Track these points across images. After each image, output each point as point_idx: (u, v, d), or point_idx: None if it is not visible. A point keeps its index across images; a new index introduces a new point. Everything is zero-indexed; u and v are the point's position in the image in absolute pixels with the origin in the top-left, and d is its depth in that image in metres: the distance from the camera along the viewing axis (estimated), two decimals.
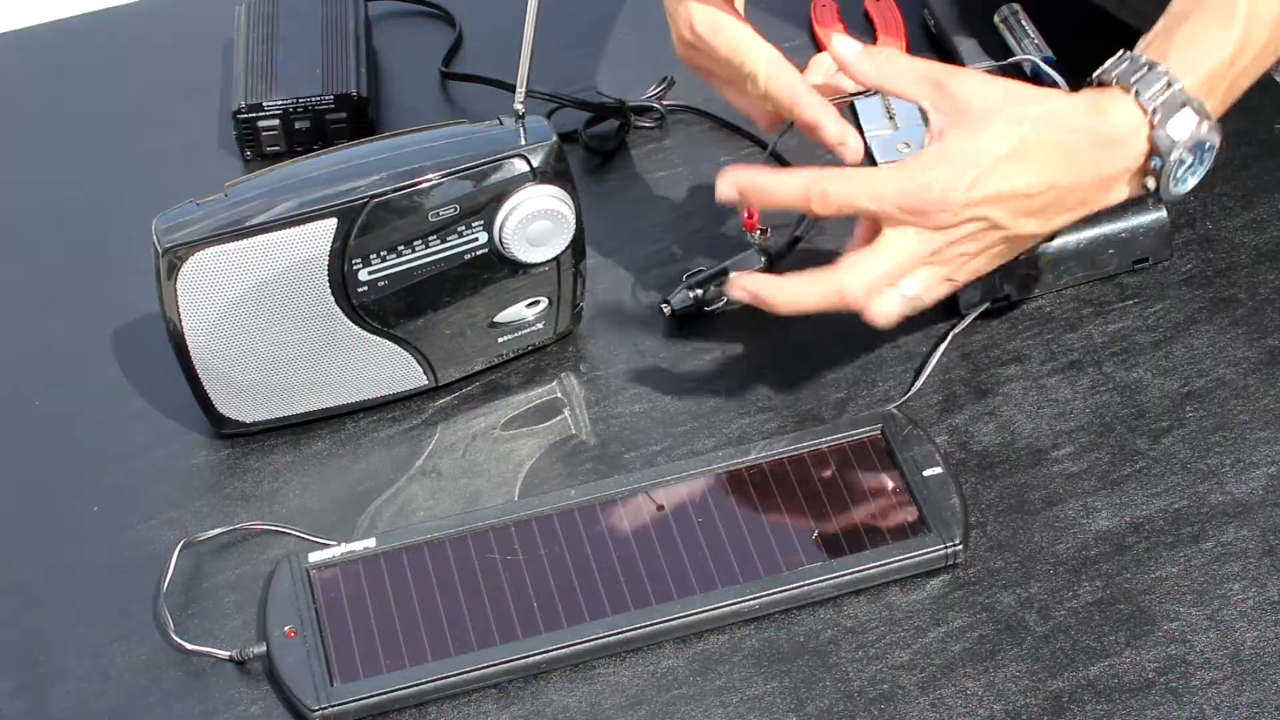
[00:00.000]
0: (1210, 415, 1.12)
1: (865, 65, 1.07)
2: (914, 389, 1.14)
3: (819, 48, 1.37)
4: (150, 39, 1.44)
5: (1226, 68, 1.05)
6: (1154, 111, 1.03)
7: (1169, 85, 1.03)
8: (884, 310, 1.05)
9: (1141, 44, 1.06)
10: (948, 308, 1.18)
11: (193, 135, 1.35)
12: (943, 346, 1.16)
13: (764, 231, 1.19)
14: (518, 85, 1.09)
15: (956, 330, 1.17)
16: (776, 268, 1.21)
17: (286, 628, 1.02)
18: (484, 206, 1.09)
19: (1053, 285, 1.19)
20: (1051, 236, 1.14)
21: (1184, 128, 1.03)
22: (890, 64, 1.06)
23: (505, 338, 1.16)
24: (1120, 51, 1.06)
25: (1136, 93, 1.03)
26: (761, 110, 1.14)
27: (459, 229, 1.09)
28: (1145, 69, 1.04)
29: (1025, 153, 1.03)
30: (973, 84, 1.04)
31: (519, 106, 1.09)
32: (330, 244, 1.07)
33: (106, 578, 1.08)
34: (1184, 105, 1.03)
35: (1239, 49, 1.05)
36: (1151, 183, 1.05)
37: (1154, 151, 1.04)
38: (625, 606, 1.02)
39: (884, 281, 1.05)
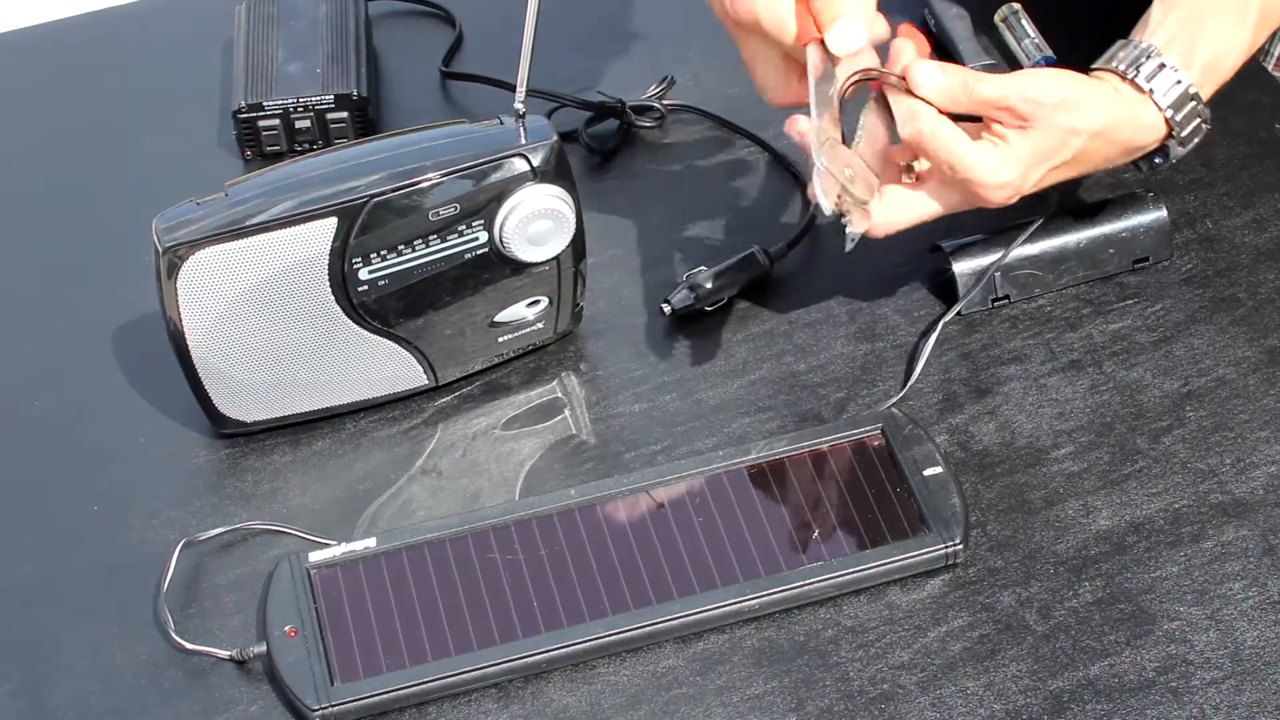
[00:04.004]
0: (1210, 415, 1.12)
1: (948, 98, 1.07)
2: (910, 383, 1.14)
3: None
4: (150, 39, 1.44)
5: (1232, 71, 1.11)
6: (1177, 125, 1.10)
7: (1192, 100, 1.09)
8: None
9: (1164, 35, 1.09)
10: (947, 306, 1.18)
11: (193, 135, 1.34)
12: (933, 337, 1.15)
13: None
14: (518, 85, 1.09)
15: (946, 319, 1.16)
16: (775, 270, 1.21)
17: (286, 627, 1.02)
18: (484, 206, 1.09)
19: (1053, 285, 1.19)
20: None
21: (1193, 137, 1.11)
22: (967, 90, 1.06)
23: (505, 337, 1.16)
24: (1145, 45, 1.09)
25: (1171, 114, 1.09)
26: (777, 77, 1.13)
27: (459, 228, 1.09)
28: (1176, 84, 1.09)
29: (1076, 160, 1.09)
30: (1042, 91, 1.07)
31: (519, 106, 1.09)
32: (330, 243, 1.07)
33: (106, 578, 1.08)
34: (1197, 118, 1.10)
35: (1246, 53, 1.11)
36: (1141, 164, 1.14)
37: (1160, 151, 1.12)
38: (625, 606, 1.03)
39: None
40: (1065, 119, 1.07)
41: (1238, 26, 1.10)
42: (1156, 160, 1.13)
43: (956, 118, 1.07)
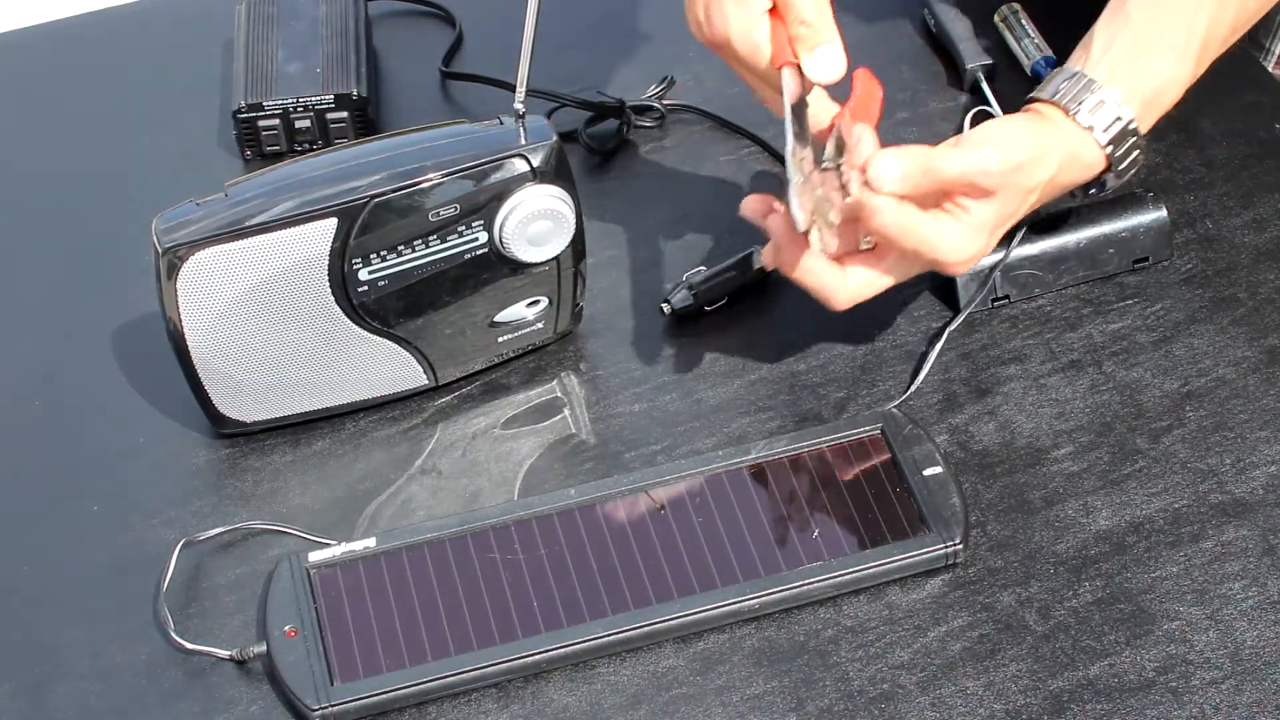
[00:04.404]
0: (1210, 415, 1.12)
1: (909, 185, 1.06)
2: (913, 388, 1.14)
3: None
4: (150, 39, 1.44)
5: (1173, 103, 1.11)
6: (1116, 160, 1.09)
7: (1132, 135, 1.09)
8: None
9: (1107, 66, 1.09)
10: (947, 306, 1.18)
11: (193, 135, 1.34)
12: (939, 345, 1.16)
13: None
14: (518, 85, 1.09)
15: (952, 327, 1.17)
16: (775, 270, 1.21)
17: (286, 627, 1.02)
18: (484, 206, 1.09)
19: (1053, 285, 1.19)
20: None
21: (1130, 169, 1.11)
22: (929, 174, 1.05)
23: (505, 337, 1.16)
24: (1088, 77, 1.09)
25: (1110, 150, 1.09)
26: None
27: (459, 229, 1.09)
28: (1117, 119, 1.08)
29: (1028, 210, 1.09)
30: (1004, 160, 1.06)
31: (519, 106, 1.09)
32: (330, 244, 1.07)
33: (106, 578, 1.08)
34: (1136, 150, 1.10)
35: (1187, 84, 1.11)
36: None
37: (1095, 182, 1.12)
38: (625, 606, 1.03)
39: None
40: (1026, 180, 1.06)
41: (1181, 59, 1.09)
42: (1092, 190, 1.13)
43: None
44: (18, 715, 1.02)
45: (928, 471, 1.08)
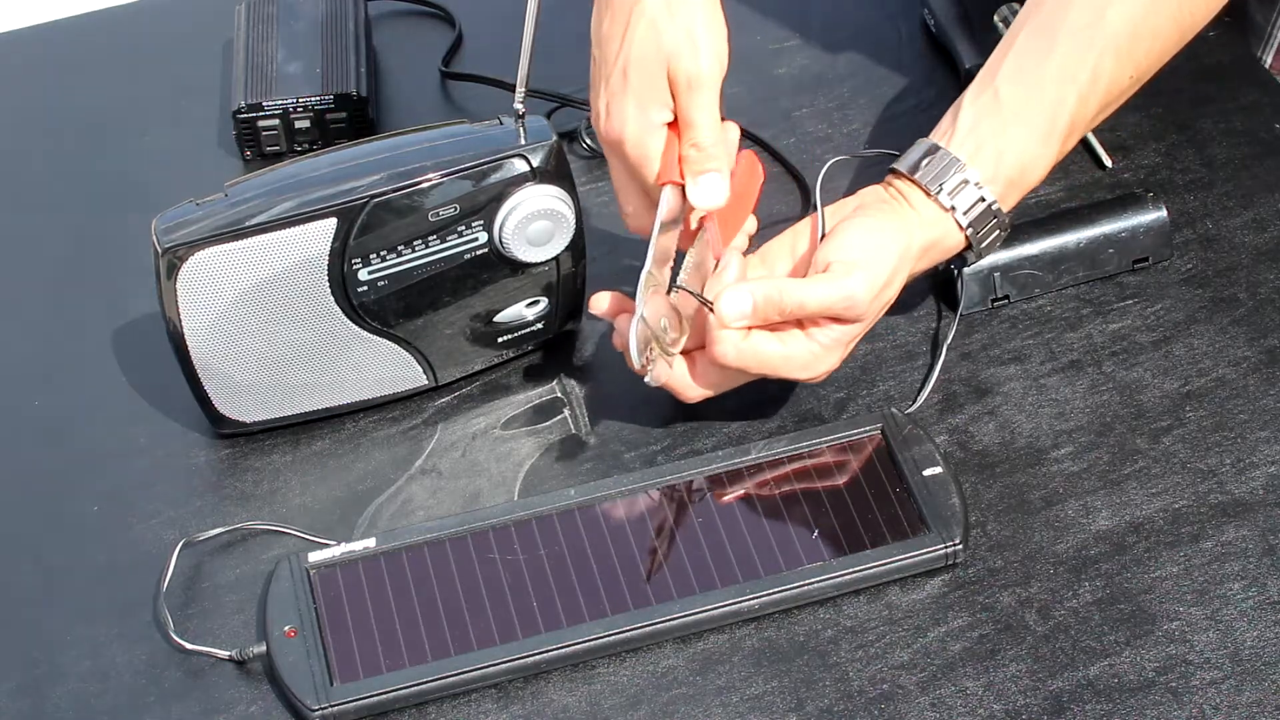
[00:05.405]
0: (1210, 415, 1.12)
1: (759, 319, 1.06)
2: (921, 398, 1.13)
3: None
4: (150, 39, 1.44)
5: (1038, 181, 1.11)
6: (976, 240, 1.09)
7: (994, 216, 1.09)
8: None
9: (973, 144, 1.08)
10: (948, 307, 1.18)
11: (193, 135, 1.34)
12: (941, 360, 1.15)
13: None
14: (518, 85, 1.09)
15: (949, 339, 1.16)
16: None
17: (286, 627, 1.02)
18: (484, 206, 1.09)
19: (1053, 285, 1.19)
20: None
21: (992, 246, 1.11)
22: (785, 311, 1.05)
23: (505, 337, 1.16)
24: (952, 157, 1.08)
25: (971, 232, 1.09)
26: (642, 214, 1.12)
27: (459, 229, 1.09)
28: (980, 200, 1.08)
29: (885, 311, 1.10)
30: (863, 287, 1.05)
31: (519, 106, 1.09)
32: (330, 244, 1.07)
33: (106, 578, 1.08)
34: (997, 230, 1.10)
35: (1052, 164, 1.10)
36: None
37: (956, 258, 1.13)
38: (625, 606, 1.03)
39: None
40: (890, 292, 1.07)
41: (1047, 139, 1.09)
42: (952, 265, 1.14)
43: None
44: (18, 715, 1.02)
45: (928, 472, 1.08)
